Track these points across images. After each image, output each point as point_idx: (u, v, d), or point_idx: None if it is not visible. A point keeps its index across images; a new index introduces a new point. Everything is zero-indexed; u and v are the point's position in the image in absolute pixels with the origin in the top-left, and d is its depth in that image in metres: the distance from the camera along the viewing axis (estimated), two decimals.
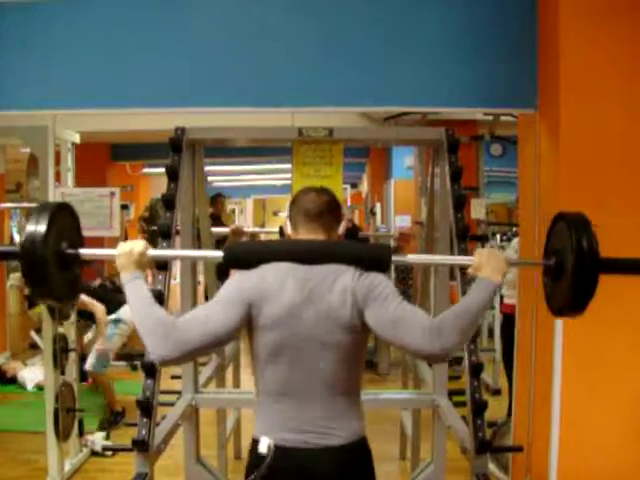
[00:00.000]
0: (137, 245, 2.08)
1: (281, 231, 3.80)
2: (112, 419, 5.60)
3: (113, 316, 5.86)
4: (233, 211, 18.60)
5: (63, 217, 2.11)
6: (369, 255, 2.07)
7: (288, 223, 2.21)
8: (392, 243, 7.53)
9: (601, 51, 2.95)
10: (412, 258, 2.40)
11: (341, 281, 1.97)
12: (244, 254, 2.12)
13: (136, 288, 2.01)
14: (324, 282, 1.98)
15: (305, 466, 1.98)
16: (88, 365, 5.70)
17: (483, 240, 6.47)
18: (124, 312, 5.72)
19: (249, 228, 6.34)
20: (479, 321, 1.97)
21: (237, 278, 2.03)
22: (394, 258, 2.11)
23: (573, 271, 1.95)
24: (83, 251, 2.14)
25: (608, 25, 2.94)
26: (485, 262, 1.98)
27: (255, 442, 2.03)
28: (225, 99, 3.27)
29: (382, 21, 3.22)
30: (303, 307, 1.96)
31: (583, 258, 1.94)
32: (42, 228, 1.97)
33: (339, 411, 2.03)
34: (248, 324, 1.99)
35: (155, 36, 3.25)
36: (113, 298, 5.89)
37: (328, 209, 2.14)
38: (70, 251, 2.09)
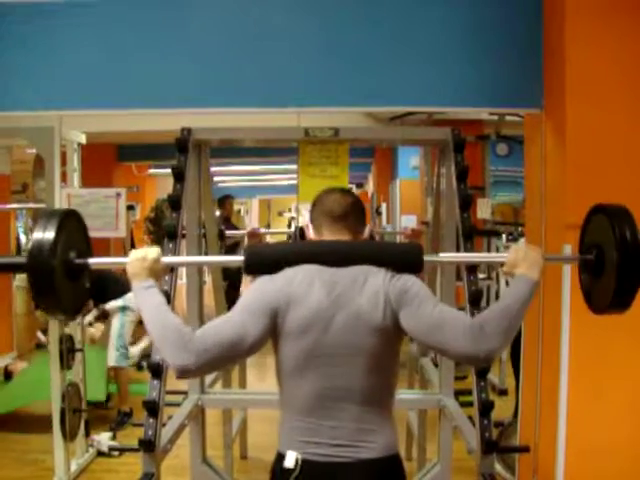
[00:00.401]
0: (150, 252, 1.97)
1: (302, 233, 3.73)
2: (119, 419, 5.60)
3: (119, 302, 5.82)
4: (239, 212, 18.61)
5: (70, 225, 2.02)
6: (401, 256, 1.98)
7: (310, 225, 2.08)
8: (400, 240, 7.54)
9: (607, 51, 2.95)
10: (445, 257, 2.31)
11: (372, 283, 1.87)
12: (266, 258, 1.99)
13: (150, 296, 1.89)
14: (353, 284, 1.87)
15: None
16: (111, 361, 5.72)
17: (494, 235, 6.47)
18: (129, 299, 5.68)
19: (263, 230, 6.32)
20: (520, 321, 1.85)
21: (259, 284, 1.91)
22: (426, 258, 2.00)
23: (618, 266, 1.85)
24: (92, 260, 2.05)
25: (614, 25, 2.93)
26: (521, 259, 1.89)
27: (280, 456, 1.92)
28: (231, 99, 3.27)
29: (387, 21, 3.21)
30: (332, 311, 1.85)
31: (628, 252, 1.85)
32: (50, 236, 1.88)
33: (372, 423, 1.91)
34: (273, 332, 1.88)
35: (160, 37, 3.25)
36: (116, 284, 5.79)
37: (353, 210, 2.05)
38: (79, 261, 2.00)
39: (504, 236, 8.68)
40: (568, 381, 2.94)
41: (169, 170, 3.17)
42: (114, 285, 5.71)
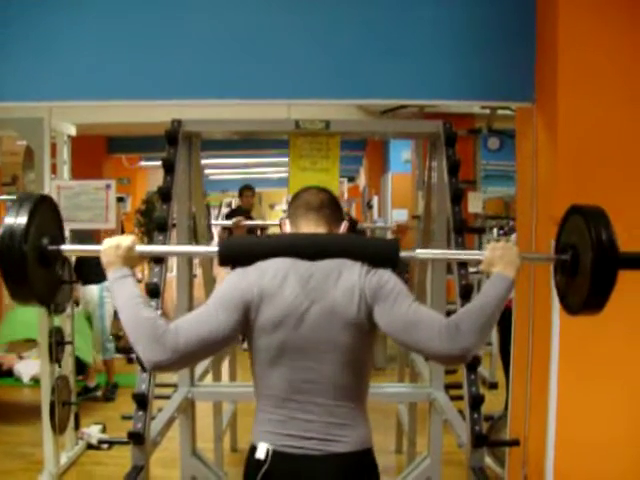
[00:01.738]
0: (124, 240, 1.93)
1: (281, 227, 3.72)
2: (110, 390, 6.22)
3: (96, 296, 5.97)
4: (229, 204, 18.56)
5: (44, 211, 1.97)
6: (376, 250, 1.96)
7: (287, 222, 2.07)
8: (389, 235, 7.54)
9: (600, 44, 2.94)
10: (421, 253, 2.29)
11: (347, 277, 1.86)
12: (240, 250, 1.98)
13: (124, 287, 1.86)
14: (328, 278, 1.86)
15: (305, 473, 1.86)
16: (102, 355, 6.05)
17: (480, 232, 6.48)
18: (106, 290, 5.80)
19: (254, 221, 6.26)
20: (496, 320, 1.86)
21: (233, 277, 1.90)
22: (402, 254, 1.99)
23: (592, 267, 1.85)
24: (65, 247, 2.02)
25: (607, 17, 2.92)
26: (498, 257, 1.89)
27: (253, 449, 1.92)
28: (221, 91, 3.25)
29: (378, 13, 3.20)
30: (305, 305, 1.84)
31: (603, 253, 1.84)
32: (22, 221, 1.84)
33: (345, 417, 1.90)
34: (247, 325, 1.87)
35: (150, 28, 3.23)
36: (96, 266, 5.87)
37: (329, 204, 2.04)
38: (52, 247, 1.96)
39: (495, 230, 8.72)
40: (558, 375, 2.95)
41: (160, 162, 3.16)
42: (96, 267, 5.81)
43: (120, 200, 6.82)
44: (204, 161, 4.19)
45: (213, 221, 8.11)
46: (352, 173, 15.22)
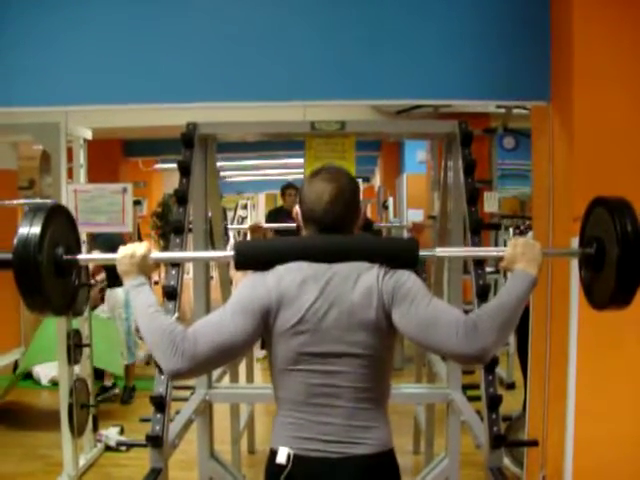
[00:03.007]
0: (139, 248, 1.94)
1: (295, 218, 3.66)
2: (127, 394, 6.24)
3: (121, 299, 6.01)
4: (245, 206, 18.61)
5: (58, 220, 1.96)
6: (395, 251, 1.92)
7: (298, 210, 2.00)
8: (406, 234, 7.52)
9: (615, 40, 2.92)
10: (441, 251, 2.25)
11: (365, 280, 1.83)
12: (256, 254, 1.95)
13: (141, 295, 1.88)
14: (346, 282, 1.84)
15: (326, 476, 1.85)
16: (126, 359, 6.07)
17: (496, 229, 6.46)
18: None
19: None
20: (517, 318, 1.81)
21: (251, 282, 1.88)
22: (422, 253, 1.95)
23: (619, 261, 1.81)
24: (81, 257, 2.01)
25: (622, 14, 2.90)
26: (520, 254, 1.85)
27: (273, 453, 1.91)
28: (236, 93, 3.25)
29: (392, 14, 3.20)
30: (324, 309, 1.82)
31: (629, 246, 1.80)
32: (36, 231, 1.82)
33: (365, 420, 1.88)
34: (265, 331, 1.86)
35: (165, 31, 3.24)
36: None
37: (343, 210, 1.92)
38: (67, 257, 1.95)
39: (511, 230, 8.68)
40: (576, 375, 2.93)
41: (176, 165, 3.17)
42: None
43: (137, 203, 6.85)
44: (219, 163, 4.20)
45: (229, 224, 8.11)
46: (367, 174, 15.21)
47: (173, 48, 3.23)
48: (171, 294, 2.80)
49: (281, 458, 1.87)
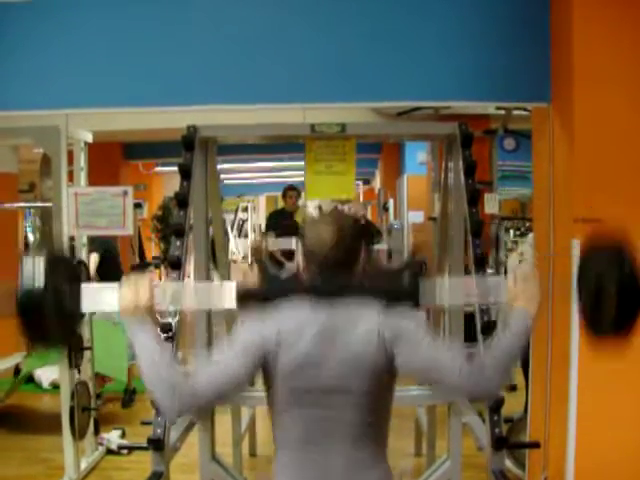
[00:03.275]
0: (142, 297, 1.84)
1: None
2: (128, 396, 6.15)
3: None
4: (245, 208, 18.59)
5: (58, 269, 1.93)
6: (396, 295, 1.90)
7: (300, 258, 1.96)
8: (405, 236, 7.49)
9: (615, 42, 2.92)
10: (444, 295, 2.14)
11: (365, 322, 1.82)
12: (259, 297, 1.93)
13: (143, 337, 1.81)
14: (346, 324, 1.82)
15: None
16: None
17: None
18: None
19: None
20: (518, 357, 1.86)
21: (251, 326, 1.87)
22: (423, 299, 1.89)
23: (617, 310, 1.80)
24: (85, 308, 1.95)
25: (622, 15, 2.91)
26: (521, 292, 1.85)
27: None
28: (237, 96, 3.26)
29: (393, 15, 3.20)
30: (323, 354, 1.80)
31: (627, 290, 1.79)
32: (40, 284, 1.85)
33: (364, 460, 1.88)
34: (263, 372, 1.85)
35: (165, 34, 3.25)
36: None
37: (344, 256, 1.89)
38: (71, 307, 1.92)
39: (512, 231, 8.68)
40: (578, 376, 2.93)
41: (176, 168, 3.17)
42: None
43: (137, 206, 6.86)
44: (220, 166, 4.20)
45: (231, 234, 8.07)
46: (368, 175, 15.21)
47: (173, 51, 3.24)
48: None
49: None
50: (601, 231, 1.92)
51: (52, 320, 1.88)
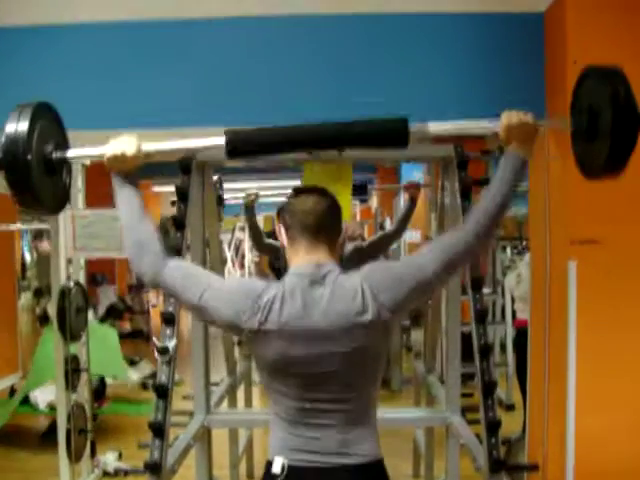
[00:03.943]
0: (129, 147, 1.97)
1: (273, 234, 3.62)
2: None
3: None
4: (243, 228, 18.58)
5: (45, 117, 1.94)
6: (386, 131, 1.95)
7: (282, 231, 2.02)
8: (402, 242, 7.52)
9: (609, 59, 2.93)
10: (433, 126, 2.11)
11: (350, 283, 1.86)
12: (250, 141, 2.01)
13: (126, 195, 2.00)
14: (334, 294, 1.85)
15: None
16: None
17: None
18: None
19: None
20: (510, 197, 1.89)
21: (244, 282, 1.91)
22: (413, 130, 1.94)
23: (612, 126, 1.78)
24: (71, 153, 1.98)
25: (616, 34, 2.92)
26: (515, 127, 1.89)
27: (269, 464, 1.94)
28: (232, 118, 3.26)
29: (384, 34, 3.22)
30: (312, 311, 1.84)
31: (622, 110, 1.78)
32: (23, 128, 1.81)
33: (357, 430, 1.92)
34: (250, 332, 1.86)
35: (160, 57, 3.26)
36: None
37: (330, 220, 1.98)
38: (56, 154, 1.93)
39: (509, 250, 8.67)
40: (576, 396, 2.92)
41: (172, 188, 3.18)
42: None
43: None
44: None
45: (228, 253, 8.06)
46: (364, 195, 15.20)
47: (169, 74, 3.25)
48: (169, 320, 2.79)
49: (276, 468, 1.91)
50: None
51: (39, 168, 1.87)
